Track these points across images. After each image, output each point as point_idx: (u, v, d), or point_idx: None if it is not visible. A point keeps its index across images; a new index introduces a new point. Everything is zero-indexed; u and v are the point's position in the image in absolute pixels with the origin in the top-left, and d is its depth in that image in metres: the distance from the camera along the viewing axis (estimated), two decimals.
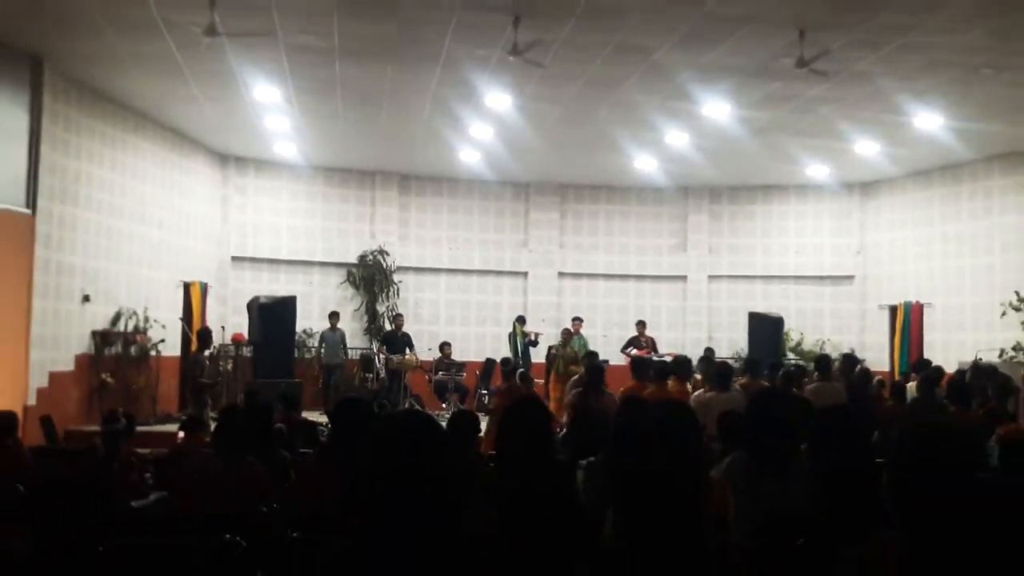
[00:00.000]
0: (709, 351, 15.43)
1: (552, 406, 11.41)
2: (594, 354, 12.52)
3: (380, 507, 1.97)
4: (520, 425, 3.36)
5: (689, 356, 10.86)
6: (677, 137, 14.56)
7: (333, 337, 15.59)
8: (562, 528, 3.01)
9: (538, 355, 15.89)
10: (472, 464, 4.64)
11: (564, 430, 6.55)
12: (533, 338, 16.03)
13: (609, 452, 3.71)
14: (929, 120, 12.97)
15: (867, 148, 14.97)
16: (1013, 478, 4.67)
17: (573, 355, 14.58)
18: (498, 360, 14.86)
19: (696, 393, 9.05)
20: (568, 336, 15.44)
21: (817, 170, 17.11)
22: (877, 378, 11.95)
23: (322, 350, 15.60)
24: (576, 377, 10.78)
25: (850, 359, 10.71)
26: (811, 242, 18.87)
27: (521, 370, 11.87)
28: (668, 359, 13.36)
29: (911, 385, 10.65)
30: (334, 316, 15.92)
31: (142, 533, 4.41)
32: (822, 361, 9.64)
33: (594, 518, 3.39)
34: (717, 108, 12.68)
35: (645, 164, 16.75)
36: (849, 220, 18.64)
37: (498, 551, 2.64)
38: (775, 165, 16.85)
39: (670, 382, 9.31)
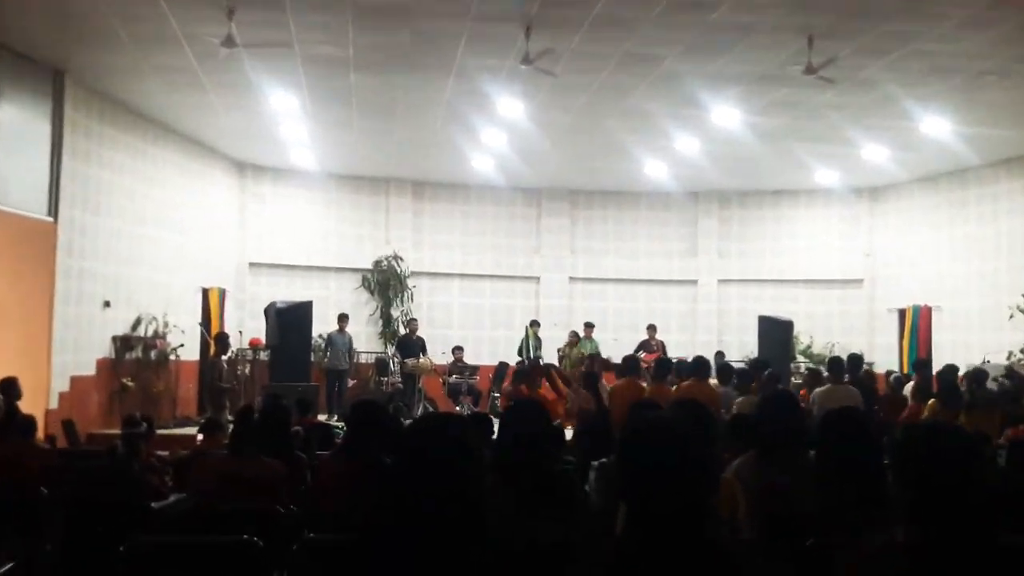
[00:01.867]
0: (719, 355, 15.43)
1: (560, 409, 11.41)
2: (596, 355, 12.53)
3: (413, 510, 1.98)
4: (511, 431, 3.33)
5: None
6: (687, 143, 14.55)
7: (341, 340, 15.11)
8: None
9: (551, 355, 15.88)
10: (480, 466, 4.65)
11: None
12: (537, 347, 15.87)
13: (619, 452, 3.71)
14: (936, 125, 12.92)
15: (875, 153, 14.91)
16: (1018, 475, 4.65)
17: (581, 357, 14.59)
18: (512, 363, 14.90)
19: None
20: (576, 339, 15.46)
21: (826, 175, 17.06)
22: (894, 375, 11.88)
23: (327, 353, 15.19)
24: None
25: (855, 360, 10.65)
26: (820, 246, 18.81)
27: (547, 364, 11.86)
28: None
29: (910, 385, 10.60)
30: (343, 319, 15.39)
31: (163, 532, 4.44)
32: (834, 363, 9.58)
33: (605, 519, 3.40)
34: (726, 114, 12.66)
35: (655, 170, 16.74)
36: (858, 224, 18.57)
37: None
38: (784, 170, 16.81)
39: (690, 381, 9.31)
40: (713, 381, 10.03)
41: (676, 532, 1.90)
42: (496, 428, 3.40)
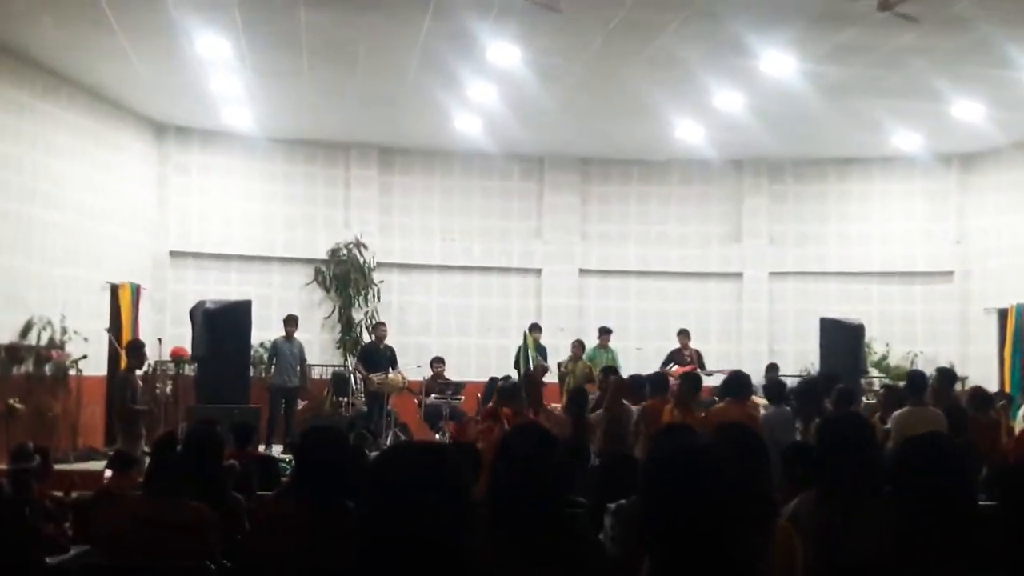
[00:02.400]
0: (772, 368, 15.44)
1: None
2: (611, 369, 12.55)
3: (381, 568, 1.98)
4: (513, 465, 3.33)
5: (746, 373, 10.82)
6: (729, 99, 14.55)
7: (289, 349, 14.95)
8: None
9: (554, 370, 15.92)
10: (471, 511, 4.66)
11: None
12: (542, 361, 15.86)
13: (643, 493, 3.72)
14: None
15: (968, 111, 14.94)
16: None
17: (588, 373, 14.58)
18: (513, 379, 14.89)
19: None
20: (579, 350, 15.47)
21: (906, 139, 17.08)
22: (1001, 402, 11.85)
23: (272, 366, 15.09)
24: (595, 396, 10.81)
25: (946, 376, 10.66)
26: (898, 230, 18.84)
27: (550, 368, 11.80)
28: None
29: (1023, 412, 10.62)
30: (291, 322, 15.22)
31: None
32: (915, 379, 9.58)
33: (627, 572, 3.41)
34: (779, 62, 12.66)
35: (689, 133, 16.73)
36: (946, 202, 18.61)
37: None
38: (852, 133, 16.82)
39: (723, 404, 9.31)
40: (763, 402, 10.06)
41: None
42: (647, 471, 3.37)
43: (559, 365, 15.42)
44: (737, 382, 9.47)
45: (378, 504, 2.07)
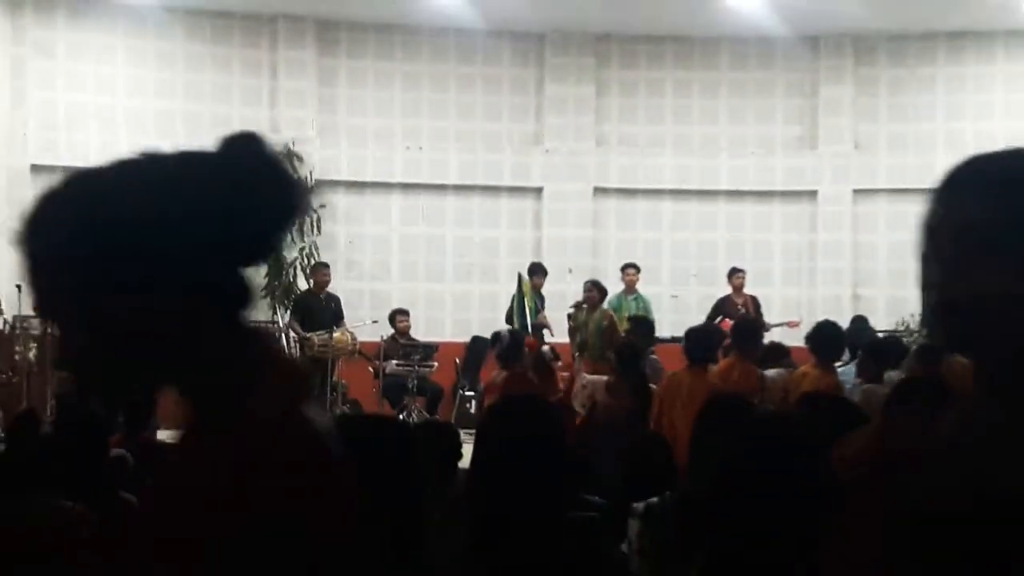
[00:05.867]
0: (860, 320, 15.47)
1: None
2: (641, 320, 12.57)
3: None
4: (504, 456, 3.33)
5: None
6: None
7: None
8: None
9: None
10: (450, 511, 4.69)
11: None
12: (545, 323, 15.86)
13: (685, 488, 3.69)
14: None
15: None
16: None
17: (609, 324, 14.43)
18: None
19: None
20: (595, 297, 15.32)
21: None
22: None
23: None
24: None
25: None
26: None
27: (544, 348, 11.94)
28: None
29: None
30: None
31: None
32: None
33: None
34: None
35: None
36: None
37: None
38: None
39: (805, 367, 9.35)
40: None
41: None
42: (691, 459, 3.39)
43: (568, 316, 15.34)
44: (825, 337, 9.46)
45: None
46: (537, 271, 16.12)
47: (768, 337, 13.51)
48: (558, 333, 15.59)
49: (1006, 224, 1.71)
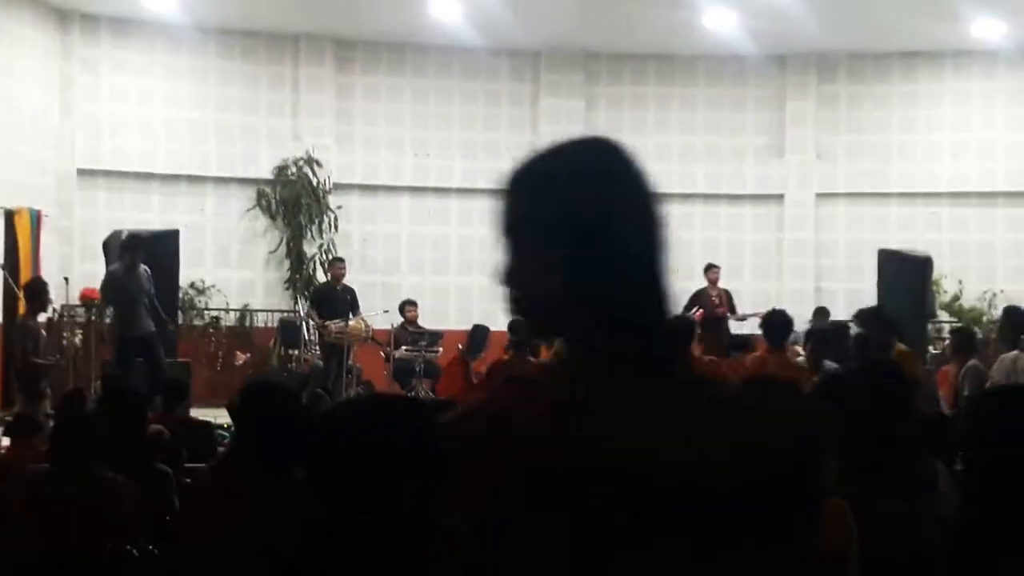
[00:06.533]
0: (821, 312, 15.48)
1: None
2: None
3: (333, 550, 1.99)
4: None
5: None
6: None
7: (127, 280, 12.77)
8: None
9: None
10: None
11: None
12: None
13: None
14: None
15: None
16: None
17: None
18: (492, 328, 14.92)
19: None
20: None
21: (987, 28, 17.01)
22: None
23: (108, 308, 13.28)
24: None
25: (1016, 318, 10.64)
26: (976, 139, 18.80)
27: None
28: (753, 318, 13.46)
29: None
30: (129, 244, 13.08)
31: None
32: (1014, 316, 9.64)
33: None
34: None
35: (718, 20, 16.68)
36: None
37: None
38: (921, 21, 16.72)
39: (760, 352, 9.35)
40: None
41: None
42: None
43: None
44: (774, 324, 9.45)
45: (329, 469, 2.08)
46: None
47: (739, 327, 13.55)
48: None
49: (546, 221, 1.72)
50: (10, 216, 15.37)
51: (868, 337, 9.49)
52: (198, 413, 11.07)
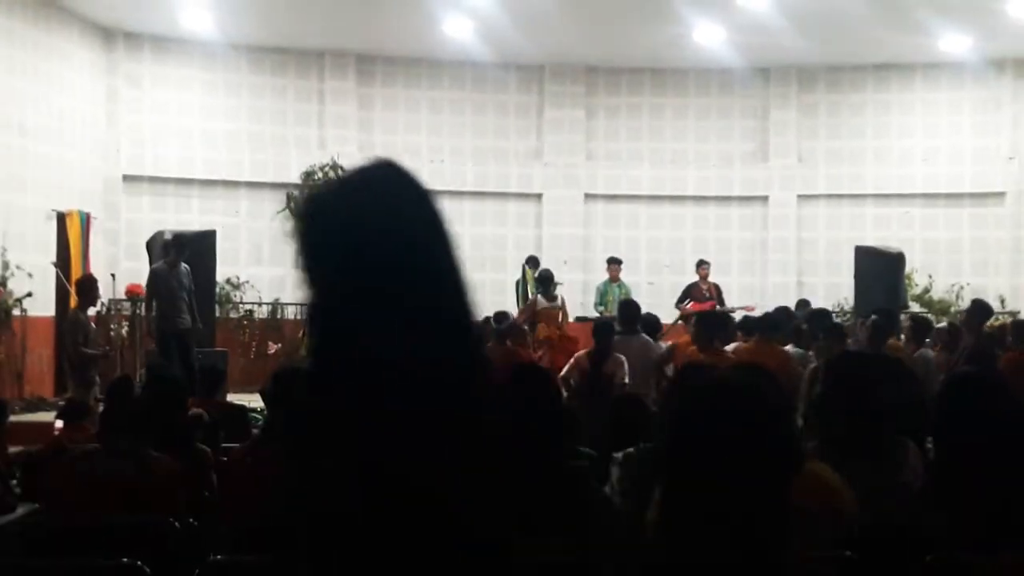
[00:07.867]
0: (803, 305, 15.47)
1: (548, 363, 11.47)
2: (630, 302, 12.53)
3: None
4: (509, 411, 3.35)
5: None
6: None
7: (169, 277, 12.44)
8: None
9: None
10: None
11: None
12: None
13: (660, 440, 3.74)
14: None
15: None
16: None
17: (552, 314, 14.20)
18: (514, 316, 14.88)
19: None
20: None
21: (954, 42, 16.96)
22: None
23: (153, 303, 12.50)
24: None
25: (981, 309, 10.58)
26: (945, 145, 18.77)
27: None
28: (746, 313, 13.44)
29: None
30: (173, 244, 12.73)
31: (8, 557, 4.49)
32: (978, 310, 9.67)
33: (633, 531, 3.45)
34: None
35: (707, 36, 16.65)
36: (998, 114, 18.51)
37: None
38: (893, 36, 16.68)
39: (752, 342, 9.34)
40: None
41: (741, 541, 1.92)
42: (668, 417, 3.43)
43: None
44: (769, 319, 9.49)
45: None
46: (534, 263, 16.10)
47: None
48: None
49: (302, 247, 1.89)
50: (62, 218, 15.40)
51: (882, 326, 9.55)
52: (233, 398, 11.07)
